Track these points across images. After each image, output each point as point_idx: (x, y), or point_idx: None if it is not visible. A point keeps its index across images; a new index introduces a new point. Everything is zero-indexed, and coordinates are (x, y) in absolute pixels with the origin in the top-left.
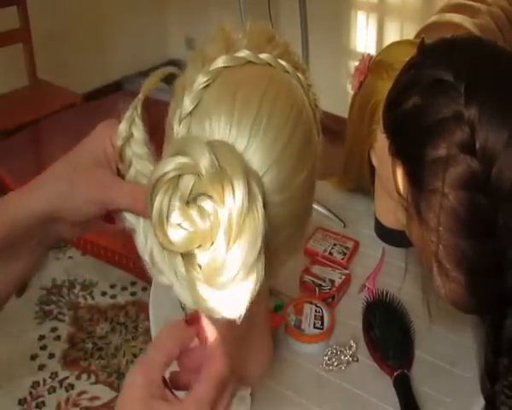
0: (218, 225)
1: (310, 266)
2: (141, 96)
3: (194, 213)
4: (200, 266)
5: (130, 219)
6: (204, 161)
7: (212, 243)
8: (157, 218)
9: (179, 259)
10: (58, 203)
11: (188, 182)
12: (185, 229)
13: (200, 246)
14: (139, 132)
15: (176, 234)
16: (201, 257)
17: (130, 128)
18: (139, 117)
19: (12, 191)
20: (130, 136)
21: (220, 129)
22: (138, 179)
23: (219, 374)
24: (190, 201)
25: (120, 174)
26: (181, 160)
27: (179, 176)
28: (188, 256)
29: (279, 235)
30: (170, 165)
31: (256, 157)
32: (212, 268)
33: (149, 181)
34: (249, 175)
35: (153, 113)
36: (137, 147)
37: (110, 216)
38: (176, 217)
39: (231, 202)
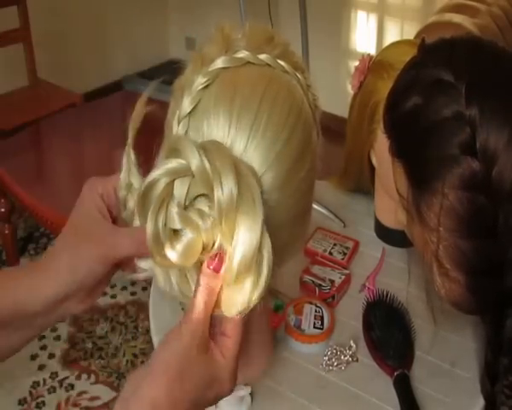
0: (216, 223)
1: (310, 266)
2: (130, 141)
3: (194, 215)
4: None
5: (144, 264)
6: (195, 161)
7: (214, 243)
8: (154, 232)
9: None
10: (68, 285)
11: (182, 186)
12: (186, 237)
13: (203, 250)
14: (137, 181)
15: (178, 244)
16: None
17: (128, 177)
18: (134, 165)
19: (15, 271)
20: (130, 185)
21: (219, 129)
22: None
23: (242, 326)
24: (188, 205)
25: (118, 223)
26: (171, 165)
27: (173, 181)
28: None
29: (279, 234)
30: (161, 170)
31: (255, 157)
32: (229, 272)
33: (142, 188)
34: (241, 166)
35: (152, 113)
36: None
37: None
38: (175, 223)
39: (220, 195)
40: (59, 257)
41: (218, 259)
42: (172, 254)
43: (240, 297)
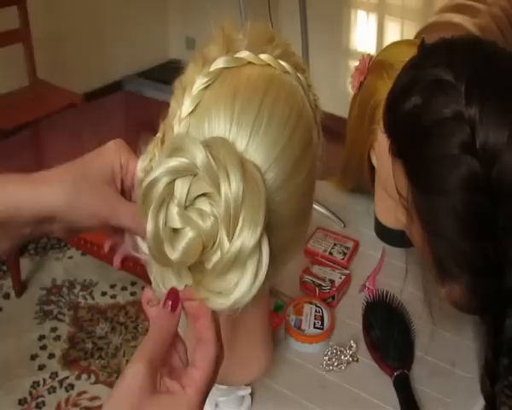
0: (217, 221)
1: (310, 266)
2: (160, 134)
3: (194, 215)
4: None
5: (145, 248)
6: (199, 157)
7: (214, 243)
8: (154, 232)
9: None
10: (63, 209)
11: (183, 185)
12: (186, 237)
13: (204, 249)
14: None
15: (179, 243)
16: (208, 261)
17: (149, 162)
18: (160, 152)
19: (13, 175)
20: (149, 170)
21: (220, 128)
22: None
23: (216, 359)
24: (188, 204)
25: (125, 194)
26: (173, 163)
27: (174, 181)
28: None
29: (279, 234)
30: (162, 169)
31: (256, 157)
32: (221, 264)
33: (142, 185)
34: (246, 162)
35: (153, 113)
36: None
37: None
38: (175, 223)
39: (227, 190)
40: (62, 185)
41: (174, 297)
42: (172, 253)
43: (235, 293)
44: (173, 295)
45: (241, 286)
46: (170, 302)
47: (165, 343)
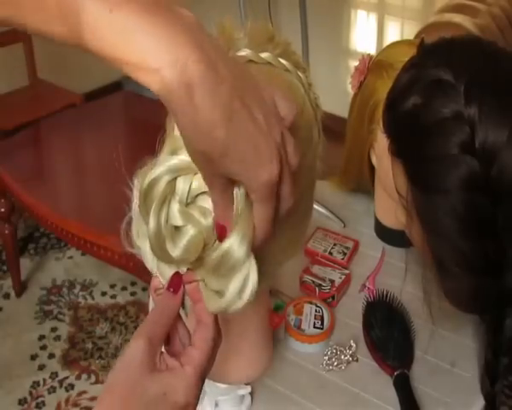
0: None
1: (310, 265)
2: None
3: (195, 213)
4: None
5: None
6: None
7: (215, 240)
8: (156, 230)
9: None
10: None
11: (185, 183)
12: (187, 234)
13: (205, 246)
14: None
15: (180, 240)
16: (208, 257)
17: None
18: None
19: None
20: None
21: None
22: None
23: (214, 340)
24: (190, 202)
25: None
26: (174, 162)
27: (175, 179)
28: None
29: (278, 233)
30: (163, 167)
31: None
32: (219, 260)
33: (144, 182)
34: None
35: (153, 113)
36: None
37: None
38: (177, 220)
39: (236, 190)
40: None
41: (177, 281)
42: (174, 250)
43: (233, 293)
44: (176, 278)
45: (232, 289)
46: (173, 283)
47: (165, 324)
